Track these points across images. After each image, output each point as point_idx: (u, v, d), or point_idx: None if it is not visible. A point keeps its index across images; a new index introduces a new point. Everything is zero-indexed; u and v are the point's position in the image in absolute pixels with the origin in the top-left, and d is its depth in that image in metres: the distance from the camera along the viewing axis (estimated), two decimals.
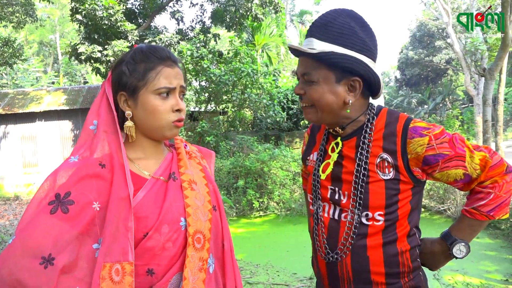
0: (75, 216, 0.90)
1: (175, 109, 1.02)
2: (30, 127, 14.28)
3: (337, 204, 1.19)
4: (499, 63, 6.43)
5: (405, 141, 1.11)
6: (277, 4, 13.55)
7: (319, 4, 31.99)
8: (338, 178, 1.19)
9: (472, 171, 1.11)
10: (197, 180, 1.09)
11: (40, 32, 30.05)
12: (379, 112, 1.20)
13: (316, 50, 1.10)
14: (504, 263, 4.36)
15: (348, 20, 1.12)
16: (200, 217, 1.02)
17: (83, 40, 12.20)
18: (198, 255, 0.99)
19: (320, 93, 1.14)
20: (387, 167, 1.13)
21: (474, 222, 1.15)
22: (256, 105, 12.56)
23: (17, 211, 9.19)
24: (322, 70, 1.12)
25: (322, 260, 1.22)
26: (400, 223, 1.14)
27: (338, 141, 1.21)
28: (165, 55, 1.04)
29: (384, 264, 1.13)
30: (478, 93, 15.19)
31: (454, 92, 30.11)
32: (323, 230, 1.22)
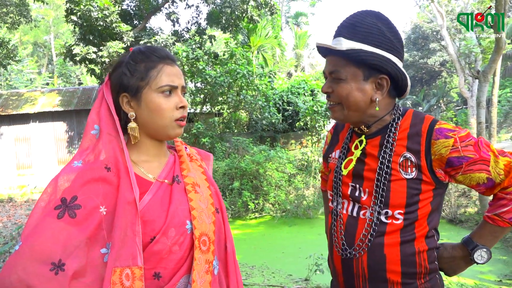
0: (83, 221, 0.88)
1: (179, 106, 1.03)
2: (24, 128, 14.19)
3: (356, 201, 1.20)
4: (493, 65, 6.47)
5: (429, 142, 1.11)
6: (272, 6, 13.58)
7: (315, 6, 32.09)
8: (359, 175, 1.20)
9: (496, 175, 1.10)
10: (200, 183, 1.09)
11: (35, 33, 29.87)
12: (405, 112, 1.21)
13: (343, 47, 1.12)
14: (497, 264, 4.39)
15: (375, 20, 1.14)
16: (204, 219, 1.02)
17: (78, 41, 12.15)
18: (204, 258, 0.99)
19: (348, 91, 1.15)
20: (409, 167, 1.13)
21: (496, 229, 1.15)
22: (252, 106, 12.56)
23: (11, 213, 9.12)
24: (351, 68, 1.14)
25: (338, 257, 1.22)
26: (419, 223, 1.14)
27: (362, 139, 1.22)
28: (164, 54, 1.04)
29: (400, 263, 1.12)
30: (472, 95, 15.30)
31: (448, 94, 30.30)
32: (341, 227, 1.22)
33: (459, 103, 28.70)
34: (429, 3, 16.15)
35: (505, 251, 4.81)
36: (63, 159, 14.40)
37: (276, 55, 23.22)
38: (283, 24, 29.89)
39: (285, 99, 15.48)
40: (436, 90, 30.02)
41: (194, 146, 1.31)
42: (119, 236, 0.90)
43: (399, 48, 1.16)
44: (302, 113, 13.14)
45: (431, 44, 27.17)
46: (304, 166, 9.67)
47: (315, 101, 13.00)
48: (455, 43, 16.80)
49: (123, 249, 0.89)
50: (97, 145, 0.97)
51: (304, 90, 15.63)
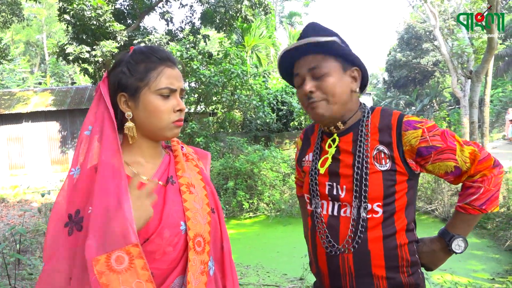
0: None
1: (177, 109, 1.03)
2: (17, 128, 14.07)
3: (335, 200, 1.21)
4: (485, 65, 6.53)
5: (400, 133, 1.16)
6: (266, 5, 13.58)
7: (308, 6, 32.14)
8: (335, 173, 1.22)
9: (462, 164, 1.15)
10: (195, 183, 1.09)
11: (27, 32, 29.62)
12: (373, 109, 1.26)
13: (324, 38, 1.15)
14: (490, 262, 4.43)
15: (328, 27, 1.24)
16: (199, 220, 1.02)
17: (71, 40, 12.06)
18: (199, 259, 0.99)
19: (332, 85, 1.18)
20: (383, 159, 1.17)
21: (468, 217, 1.20)
22: (246, 106, 12.56)
23: (3, 213, 9.03)
24: (331, 61, 1.18)
25: (323, 257, 1.23)
26: (398, 216, 1.18)
27: (334, 137, 1.25)
28: (165, 55, 1.04)
29: (384, 257, 1.16)
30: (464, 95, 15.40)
31: (441, 94, 30.51)
32: (323, 227, 1.23)
33: (452, 103, 28.90)
34: (422, 3, 16.25)
35: (498, 249, 4.85)
36: (56, 159, 14.30)
37: (270, 55, 23.22)
38: (277, 24, 29.90)
39: (280, 99, 15.49)
40: (429, 90, 30.22)
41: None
42: (99, 223, 0.86)
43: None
44: (297, 112, 13.17)
45: (424, 44, 27.34)
46: None
47: None
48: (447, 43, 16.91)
49: (108, 234, 0.85)
50: (89, 147, 0.96)
51: None
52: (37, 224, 7.02)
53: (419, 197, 7.13)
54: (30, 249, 5.18)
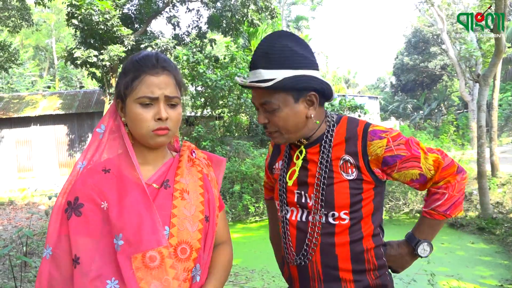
0: (88, 217, 0.99)
1: (157, 117, 1.02)
2: (25, 131, 14.22)
3: (304, 207, 1.24)
4: (493, 69, 6.47)
5: (365, 143, 1.18)
6: (273, 10, 13.62)
7: (315, 10, 32.15)
8: (303, 182, 1.24)
9: (427, 171, 1.19)
10: (191, 189, 1.09)
11: (36, 36, 29.97)
12: (339, 119, 1.27)
13: (269, 83, 1.13)
14: (499, 268, 4.37)
15: (284, 42, 1.17)
16: (187, 227, 1.03)
17: (79, 44, 12.18)
18: (182, 266, 1.00)
19: (284, 118, 1.18)
20: (350, 168, 1.19)
21: (433, 222, 1.25)
22: (252, 110, 12.56)
23: (11, 216, 9.11)
24: (280, 95, 1.16)
25: (293, 262, 1.26)
26: (364, 222, 1.21)
27: (302, 149, 1.27)
28: (152, 63, 1.04)
29: (351, 261, 1.19)
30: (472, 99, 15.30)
31: (449, 97, 30.30)
32: (292, 233, 1.26)
33: (460, 107, 28.70)
34: (429, 7, 16.19)
35: (506, 255, 4.79)
36: (64, 162, 14.41)
37: None
38: (283, 28, 29.95)
39: None
40: (437, 93, 30.03)
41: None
42: (132, 225, 0.96)
43: (312, 59, 1.20)
44: None
45: (431, 48, 27.23)
46: None
47: None
48: (455, 47, 16.83)
49: (141, 236, 0.95)
50: (100, 144, 1.08)
51: None
52: (44, 227, 7.07)
53: (415, 197, 7.07)
54: (36, 251, 5.21)
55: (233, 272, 4.58)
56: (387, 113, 33.12)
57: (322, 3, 31.36)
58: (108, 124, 1.09)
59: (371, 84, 44.81)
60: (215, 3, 13.57)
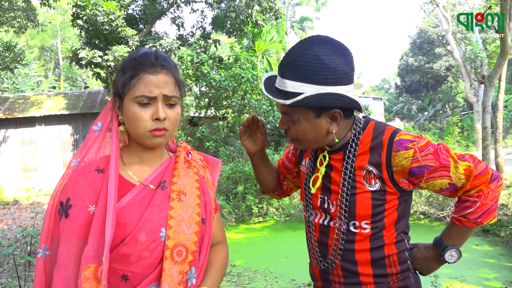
0: (73, 219, 0.96)
1: (154, 117, 1.00)
2: (30, 131, 14.29)
3: (326, 213, 1.24)
4: (498, 70, 6.44)
5: (390, 154, 1.13)
6: (277, 10, 13.61)
7: (320, 10, 32.12)
8: (327, 188, 1.24)
9: (457, 180, 1.13)
10: (188, 191, 1.07)
11: (42, 37, 30.16)
12: (366, 125, 1.21)
13: (289, 101, 1.09)
14: (503, 270, 4.34)
15: (315, 52, 1.08)
16: (184, 229, 1.01)
17: (84, 45, 12.23)
18: (178, 268, 0.98)
19: (302, 131, 1.17)
20: (373, 179, 1.16)
21: (463, 229, 1.21)
22: (256, 110, 12.56)
23: (16, 215, 9.17)
24: (301, 110, 1.13)
25: (315, 262, 1.29)
26: (387, 230, 1.18)
27: (325, 154, 1.25)
28: (151, 61, 1.01)
29: (371, 266, 1.18)
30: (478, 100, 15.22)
31: (454, 99, 30.16)
32: (315, 236, 1.28)
33: (465, 108, 28.56)
34: (434, 7, 16.13)
35: (511, 257, 4.76)
36: (68, 162, 14.46)
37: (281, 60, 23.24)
38: (288, 29, 29.93)
39: None
40: (442, 95, 29.90)
41: (197, 150, 1.31)
42: (98, 233, 0.94)
43: (346, 71, 1.11)
44: None
45: (436, 49, 27.11)
46: None
47: None
48: (460, 48, 16.75)
49: (99, 246, 0.92)
50: (94, 142, 1.06)
51: None
52: None
53: (431, 203, 7.03)
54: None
55: (235, 272, 4.58)
56: (392, 114, 33.00)
57: (326, 4, 31.32)
58: (105, 122, 1.07)
59: (376, 85, 44.68)
60: (220, 4, 13.59)
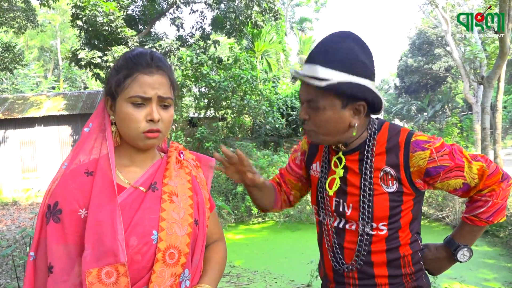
0: (64, 224, 0.94)
1: (148, 119, 0.98)
2: (30, 132, 14.27)
3: (342, 216, 1.23)
4: (498, 71, 6.45)
5: (407, 155, 1.15)
6: (277, 11, 13.62)
7: (319, 11, 32.15)
8: (342, 191, 1.23)
9: (471, 180, 1.16)
10: (180, 192, 1.05)
11: (41, 37, 30.14)
12: (381, 126, 1.22)
13: (324, 82, 1.09)
14: (502, 271, 4.35)
15: (349, 44, 1.13)
16: (176, 231, 0.98)
17: (83, 45, 12.24)
18: (170, 271, 0.96)
19: (325, 120, 1.15)
20: (390, 180, 1.16)
21: (474, 228, 1.23)
22: (256, 111, 12.57)
23: (15, 216, 9.16)
24: (328, 98, 1.13)
25: (330, 266, 1.27)
26: (402, 231, 1.20)
27: (340, 155, 1.24)
28: (146, 61, 1.00)
29: (387, 267, 1.19)
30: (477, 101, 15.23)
31: (453, 99, 30.19)
32: (330, 238, 1.27)
33: (464, 109, 28.59)
34: (433, 8, 16.15)
35: (510, 258, 4.76)
36: None
37: (281, 60, 23.26)
38: (287, 30, 29.96)
39: (289, 104, 15.48)
40: (441, 95, 29.94)
41: (197, 151, 1.29)
42: (94, 237, 0.91)
43: (372, 69, 1.17)
44: None
45: (436, 50, 27.13)
46: None
47: None
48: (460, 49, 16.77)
49: (101, 249, 0.90)
50: (85, 144, 1.03)
51: None
52: None
53: (430, 204, 7.05)
54: None
55: (235, 273, 4.58)
56: (391, 114, 33.03)
57: (326, 5, 31.37)
58: (96, 123, 1.04)
59: (375, 86, 44.67)
60: (219, 5, 13.60)
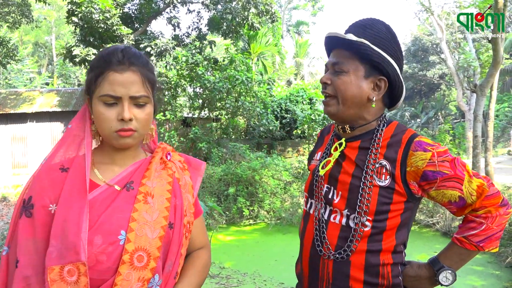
0: (35, 219, 0.93)
1: (119, 118, 0.96)
2: (21, 127, 14.15)
3: (328, 204, 1.20)
4: (490, 79, 6.51)
5: (407, 152, 1.12)
6: (273, 14, 13.65)
7: (316, 15, 32.26)
8: (334, 178, 1.21)
9: (468, 195, 1.10)
10: (157, 193, 1.01)
11: (36, 33, 29.90)
12: (390, 122, 1.22)
13: (356, 38, 1.15)
14: (490, 278, 4.37)
15: (385, 28, 1.20)
16: (147, 233, 0.95)
17: (78, 42, 12.16)
18: (137, 275, 0.92)
19: (347, 84, 1.17)
20: (384, 174, 1.13)
21: (462, 251, 1.15)
22: (250, 113, 12.58)
23: (4, 212, 9.05)
24: (355, 62, 1.17)
25: (306, 258, 1.23)
26: (387, 235, 1.14)
27: (342, 141, 1.23)
28: (117, 58, 0.97)
29: (364, 271, 1.13)
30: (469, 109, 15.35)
31: (446, 107, 30.43)
32: (310, 228, 1.24)
33: (457, 116, 28.82)
34: (429, 16, 16.28)
35: (498, 265, 4.79)
36: None
37: (276, 63, 23.30)
38: (284, 32, 30.03)
39: (284, 107, 15.51)
40: (435, 102, 30.16)
41: (190, 151, 1.26)
42: (59, 233, 0.90)
43: (400, 58, 1.21)
44: (300, 121, 13.15)
45: (430, 57, 27.33)
46: (300, 174, 9.66)
47: (313, 109, 13.04)
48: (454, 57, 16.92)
49: (64, 246, 0.89)
50: (66, 141, 1.03)
51: (303, 99, 15.67)
52: None
53: (421, 210, 7.08)
54: None
55: (224, 274, 4.56)
56: None
57: (323, 9, 31.46)
58: (77, 121, 1.04)
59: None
60: (216, 5, 13.59)
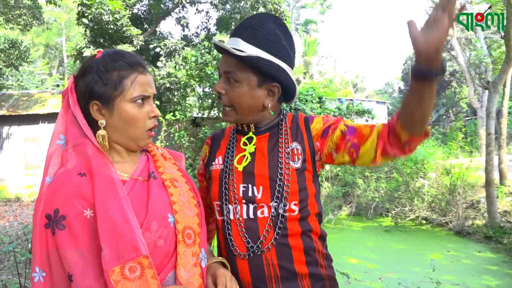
0: (73, 229, 0.90)
1: (151, 115, 1.04)
2: (34, 129, 14.33)
3: (251, 202, 1.16)
4: (503, 76, 6.41)
5: (308, 127, 1.24)
6: (282, 12, 13.63)
7: (324, 13, 32.14)
8: (251, 174, 1.19)
9: (352, 123, 1.20)
10: (178, 178, 1.09)
11: (47, 35, 30.25)
12: (286, 114, 1.30)
13: (244, 53, 1.12)
14: (506, 278, 4.31)
15: (274, 26, 1.18)
16: (187, 213, 1.02)
17: (89, 43, 12.27)
18: (190, 251, 0.99)
19: (241, 95, 1.17)
20: (297, 155, 1.20)
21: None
22: None
23: (17, 212, 9.18)
24: (247, 72, 1.15)
25: (244, 264, 1.14)
26: (311, 212, 1.20)
27: (251, 135, 1.24)
28: (136, 61, 1.03)
29: (303, 252, 1.16)
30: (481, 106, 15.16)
31: (457, 104, 30.09)
32: (242, 231, 1.16)
33: (468, 114, 28.48)
34: None
35: None
36: None
37: None
38: (292, 31, 29.96)
39: (293, 106, 15.46)
40: (446, 100, 29.84)
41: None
42: (108, 235, 0.89)
43: (292, 56, 1.21)
44: None
45: None
46: None
47: (323, 108, 12.97)
48: (465, 53, 16.71)
49: (119, 246, 0.88)
50: (65, 156, 0.98)
51: (312, 97, 15.60)
52: None
53: (433, 209, 7.01)
54: None
55: None
56: None
57: (331, 7, 31.35)
58: (72, 132, 0.99)
59: (379, 89, 44.61)
60: (225, 5, 13.62)
